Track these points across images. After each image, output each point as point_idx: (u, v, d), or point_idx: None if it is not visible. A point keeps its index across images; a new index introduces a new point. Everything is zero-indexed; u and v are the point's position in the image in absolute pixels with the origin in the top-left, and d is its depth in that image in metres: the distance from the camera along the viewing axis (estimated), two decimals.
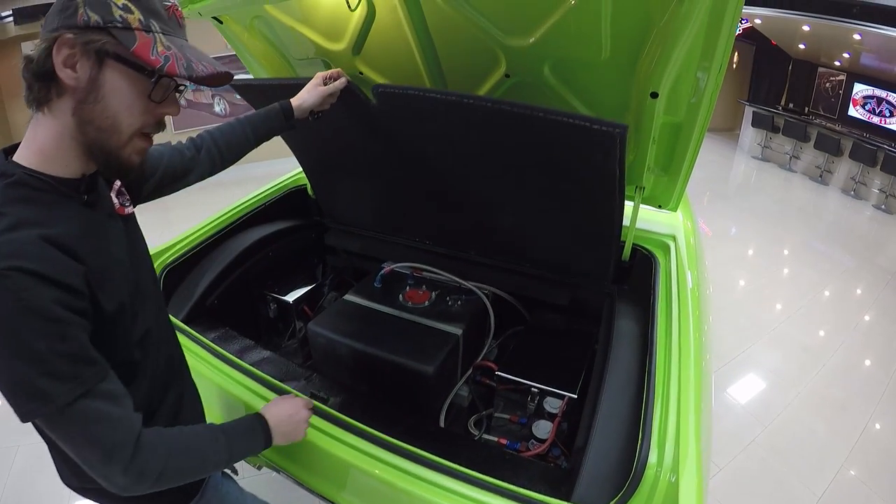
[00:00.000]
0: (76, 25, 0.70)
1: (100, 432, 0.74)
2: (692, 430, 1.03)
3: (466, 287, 1.74)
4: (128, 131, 0.77)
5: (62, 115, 0.74)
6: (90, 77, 0.72)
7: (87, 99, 0.73)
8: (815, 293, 4.09)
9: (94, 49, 0.71)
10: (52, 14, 0.72)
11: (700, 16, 0.99)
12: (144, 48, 0.72)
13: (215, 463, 0.92)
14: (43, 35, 0.72)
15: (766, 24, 8.10)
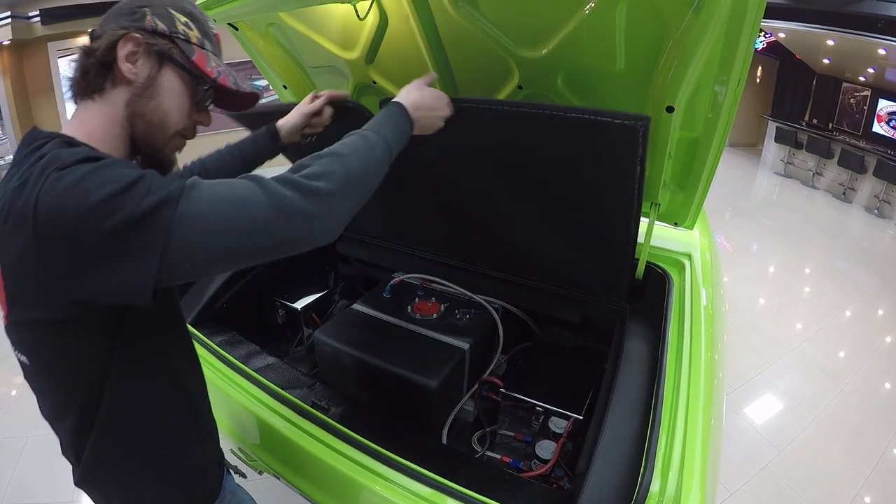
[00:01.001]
0: (143, 28, 0.80)
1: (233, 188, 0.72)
2: (698, 460, 1.00)
3: (476, 300, 1.72)
4: (173, 130, 0.85)
5: (114, 105, 0.80)
6: (149, 75, 0.81)
7: (143, 94, 0.81)
8: (836, 313, 4.00)
9: (157, 51, 0.81)
10: (116, 15, 0.81)
11: (717, 27, 0.97)
12: (202, 60, 0.84)
13: (381, 163, 0.93)
14: (105, 31, 0.80)
15: (790, 38, 8.02)
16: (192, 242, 0.67)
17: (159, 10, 0.81)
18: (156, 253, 0.64)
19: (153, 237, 0.64)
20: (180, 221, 0.65)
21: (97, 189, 0.63)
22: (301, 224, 0.74)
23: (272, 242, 0.73)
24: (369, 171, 0.90)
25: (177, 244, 0.65)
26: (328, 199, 0.77)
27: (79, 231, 0.63)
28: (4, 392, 3.23)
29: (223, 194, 0.70)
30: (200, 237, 0.67)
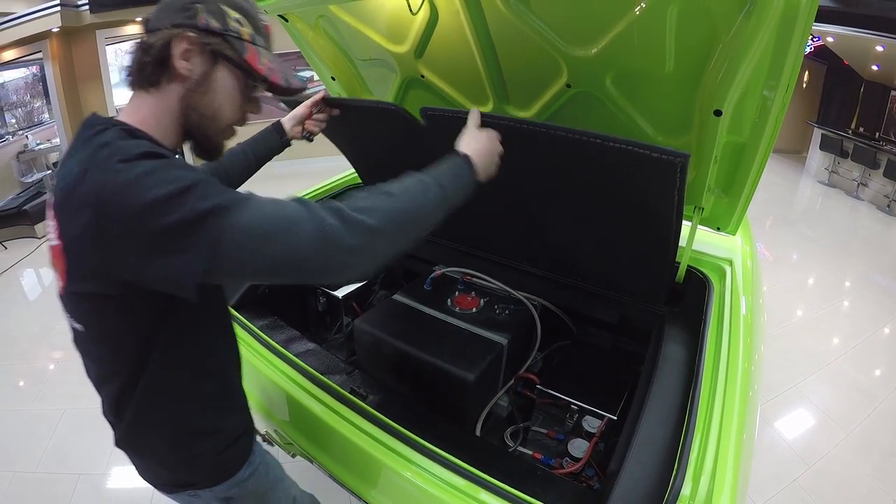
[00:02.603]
0: (196, 26, 0.82)
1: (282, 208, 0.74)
2: (730, 465, 0.99)
3: (515, 297, 1.73)
4: (225, 121, 0.92)
5: (169, 98, 0.85)
6: (203, 72, 0.85)
7: (197, 89, 0.86)
8: (874, 329, 3.88)
9: (211, 49, 0.84)
10: (168, 10, 0.83)
11: (768, 31, 0.96)
12: (253, 58, 0.88)
13: (433, 208, 0.91)
14: (157, 26, 0.83)
15: (839, 43, 7.78)
16: (236, 252, 0.71)
17: (212, 6, 0.84)
18: (201, 255, 0.69)
19: (201, 241, 0.69)
20: (228, 230, 0.69)
21: (156, 187, 0.68)
22: (339, 254, 0.75)
23: (309, 266, 0.75)
24: (419, 213, 0.89)
25: (222, 251, 0.69)
26: (370, 234, 0.77)
27: (135, 224, 0.68)
28: (42, 366, 3.38)
29: (272, 213, 0.73)
30: (244, 249, 0.71)
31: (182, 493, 1.04)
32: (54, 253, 0.80)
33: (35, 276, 4.87)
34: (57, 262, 0.81)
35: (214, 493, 1.04)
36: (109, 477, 2.46)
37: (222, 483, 1.04)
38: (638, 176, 1.15)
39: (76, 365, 0.97)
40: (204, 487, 1.03)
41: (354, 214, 0.77)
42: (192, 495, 1.04)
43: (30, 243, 5.42)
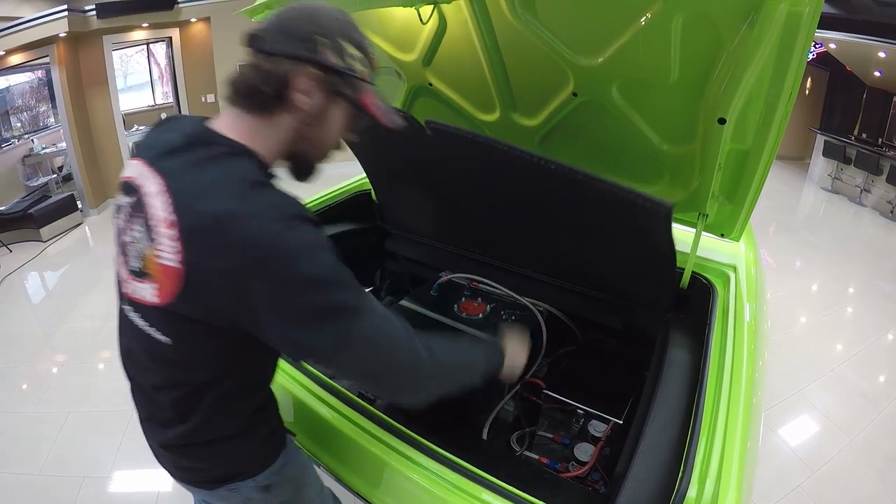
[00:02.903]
0: (318, 62, 0.83)
1: (401, 340, 0.88)
2: (735, 468, 1.01)
3: (521, 303, 1.74)
4: (329, 149, 0.96)
5: (281, 127, 0.87)
6: (320, 107, 0.87)
7: (311, 122, 0.88)
8: (877, 336, 3.88)
9: (332, 88, 0.86)
10: (288, 36, 0.83)
11: (771, 41, 0.98)
12: (367, 98, 0.90)
13: (468, 377, 1.09)
14: (276, 52, 0.82)
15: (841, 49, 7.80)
16: (349, 351, 0.81)
17: (332, 40, 0.84)
18: (324, 341, 0.79)
19: (331, 330, 0.78)
20: (354, 331, 0.80)
21: (317, 266, 0.77)
22: (416, 380, 0.94)
23: (390, 381, 0.91)
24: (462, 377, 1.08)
25: (340, 344, 0.80)
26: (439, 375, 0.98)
27: (281, 288, 0.75)
28: (46, 369, 3.39)
29: (388, 330, 0.86)
30: (357, 351, 0.83)
31: (223, 487, 1.05)
32: (165, 272, 0.80)
33: (39, 280, 4.90)
34: (164, 281, 0.81)
35: (256, 482, 1.06)
36: (113, 480, 2.47)
37: (266, 470, 1.07)
38: (628, 214, 1.18)
39: (79, 368, 1.00)
40: (249, 477, 1.05)
41: (435, 356, 0.94)
42: (233, 489, 1.05)
43: (34, 246, 5.45)
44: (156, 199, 0.80)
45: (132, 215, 0.86)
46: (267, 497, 1.09)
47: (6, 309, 4.29)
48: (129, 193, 0.88)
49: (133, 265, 0.86)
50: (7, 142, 6.66)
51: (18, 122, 7.04)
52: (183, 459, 1.04)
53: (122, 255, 0.90)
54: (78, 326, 3.91)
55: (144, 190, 0.83)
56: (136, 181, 0.86)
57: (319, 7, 0.86)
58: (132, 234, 0.86)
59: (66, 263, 5.23)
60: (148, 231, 0.81)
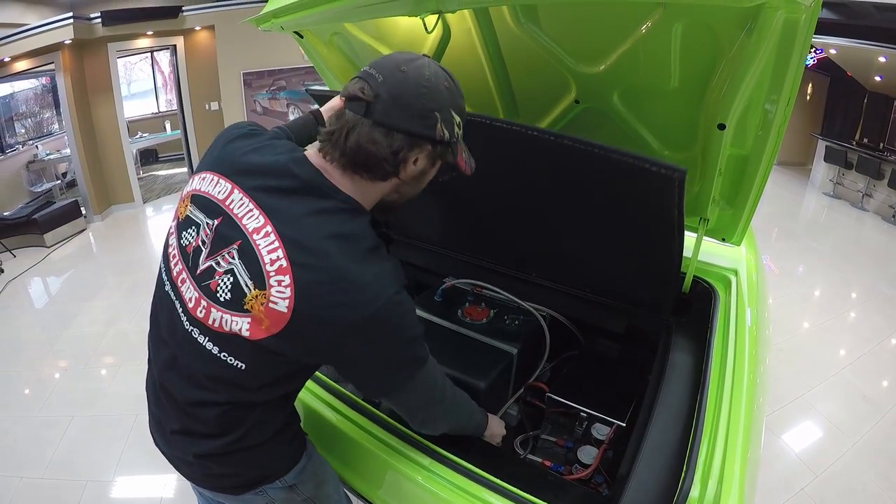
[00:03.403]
0: (434, 139, 0.86)
1: (439, 381, 1.02)
2: (737, 469, 1.02)
3: (525, 308, 1.75)
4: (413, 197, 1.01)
5: (385, 187, 0.92)
6: (422, 170, 0.92)
7: (411, 183, 0.94)
8: (880, 340, 3.88)
9: (438, 157, 0.91)
10: (409, 112, 0.83)
11: (769, 48, 0.99)
12: (461, 158, 0.95)
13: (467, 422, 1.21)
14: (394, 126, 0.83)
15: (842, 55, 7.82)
16: (409, 392, 0.97)
17: (446, 114, 0.86)
18: (397, 382, 0.94)
19: (405, 375, 0.93)
20: (417, 379, 0.95)
21: (409, 328, 0.89)
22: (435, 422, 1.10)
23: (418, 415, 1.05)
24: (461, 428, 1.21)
25: (406, 388, 0.95)
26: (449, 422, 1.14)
27: (381, 347, 0.88)
28: (49, 374, 3.41)
29: (436, 378, 1.01)
30: (413, 393, 0.98)
31: (250, 492, 1.06)
32: (269, 314, 0.82)
33: (42, 285, 4.92)
34: (265, 321, 0.83)
35: (282, 483, 1.08)
36: (116, 484, 2.48)
37: (291, 470, 1.09)
38: (638, 188, 1.18)
39: (83, 373, 1.02)
40: (277, 479, 1.07)
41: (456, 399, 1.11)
42: (259, 493, 1.07)
43: (38, 252, 5.48)
44: (263, 239, 0.82)
45: (221, 243, 0.87)
46: (291, 496, 1.11)
47: (10, 314, 4.31)
48: (213, 214, 0.88)
49: (224, 296, 0.86)
50: (12, 148, 6.72)
51: (23, 128, 7.11)
52: (217, 467, 1.03)
53: (197, 278, 0.89)
54: (81, 332, 3.92)
55: (244, 223, 0.84)
56: (227, 206, 0.87)
57: (432, 75, 0.86)
58: (223, 263, 0.86)
59: (70, 269, 5.26)
60: (251, 269, 0.83)
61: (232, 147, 0.94)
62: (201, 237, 0.89)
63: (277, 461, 1.07)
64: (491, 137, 1.34)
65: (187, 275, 0.91)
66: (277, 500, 1.09)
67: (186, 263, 0.91)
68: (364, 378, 0.95)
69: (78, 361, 3.49)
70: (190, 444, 1.00)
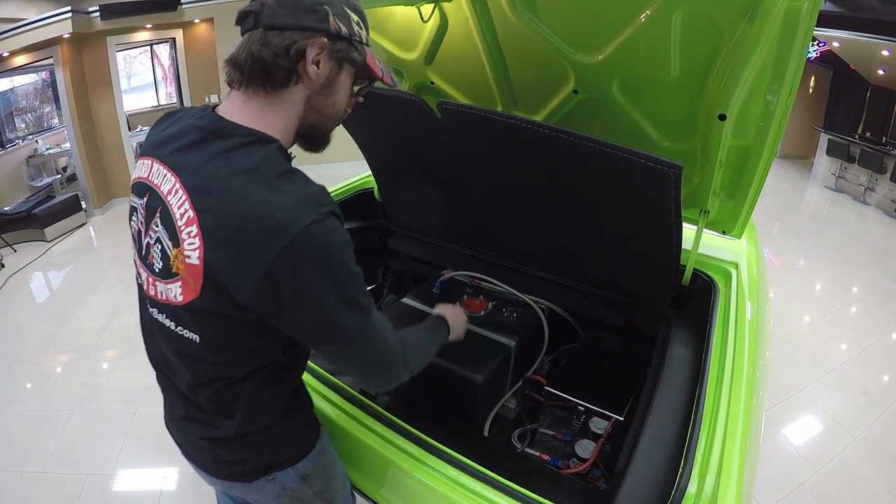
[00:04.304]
0: (328, 31, 0.83)
1: (386, 334, 0.93)
2: (735, 464, 1.01)
3: (523, 300, 1.75)
4: (341, 117, 0.96)
5: (295, 101, 0.87)
6: (329, 76, 0.88)
7: (322, 92, 0.89)
8: (881, 334, 3.87)
9: (339, 56, 0.87)
10: (294, 9, 0.82)
11: (770, 37, 0.98)
12: (371, 61, 0.92)
13: (430, 353, 1.18)
14: (281, 25, 0.81)
15: (844, 48, 7.78)
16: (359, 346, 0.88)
17: (338, 9, 0.84)
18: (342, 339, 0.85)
19: (345, 324, 0.83)
20: (365, 330, 0.86)
21: (338, 263, 0.80)
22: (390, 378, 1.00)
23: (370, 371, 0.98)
24: (427, 358, 1.15)
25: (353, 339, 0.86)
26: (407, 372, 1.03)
27: (309, 285, 0.77)
28: (50, 368, 3.40)
29: (386, 336, 0.93)
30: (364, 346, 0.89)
31: (262, 479, 1.06)
32: (189, 269, 0.80)
33: (43, 280, 4.92)
34: (189, 279, 0.81)
35: (296, 471, 1.07)
36: (117, 477, 2.48)
37: (305, 458, 1.08)
38: (635, 183, 1.17)
39: (83, 367, 1.00)
40: (289, 466, 1.06)
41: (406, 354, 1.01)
42: (271, 479, 1.06)
43: (39, 246, 5.47)
44: (174, 197, 0.80)
45: (149, 216, 0.85)
46: (302, 487, 1.10)
47: (11, 308, 4.32)
48: (143, 194, 0.87)
49: (157, 266, 0.85)
50: (12, 142, 6.70)
51: (23, 122, 7.09)
52: (227, 452, 1.03)
53: (144, 258, 0.89)
54: (82, 326, 3.92)
55: (161, 189, 0.83)
56: (150, 180, 0.86)
57: None
58: (152, 234, 0.85)
59: (71, 263, 5.25)
60: (169, 230, 0.81)
61: (153, 131, 0.95)
62: (139, 219, 0.89)
63: (290, 446, 1.06)
64: (488, 130, 1.33)
65: (138, 258, 0.92)
66: (288, 490, 1.09)
67: (137, 248, 0.92)
68: (303, 331, 0.85)
69: (79, 355, 3.49)
70: (197, 428, 1.01)
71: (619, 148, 1.10)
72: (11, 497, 2.40)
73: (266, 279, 0.75)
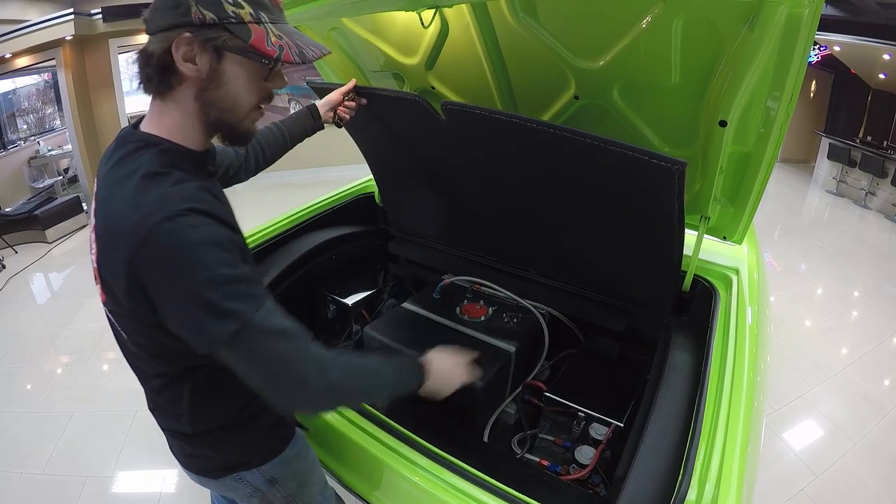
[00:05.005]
0: (191, 23, 0.77)
1: (278, 346, 0.81)
2: (735, 471, 1.00)
3: (523, 305, 1.74)
4: (246, 108, 0.87)
5: (185, 101, 0.83)
6: (210, 69, 0.81)
7: (209, 86, 0.82)
8: (882, 339, 3.86)
9: (213, 45, 0.79)
10: (160, 10, 0.78)
11: (771, 43, 0.98)
12: (259, 40, 0.80)
13: (379, 392, 1.02)
14: (154, 30, 0.79)
15: (845, 52, 7.78)
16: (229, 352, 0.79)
17: None
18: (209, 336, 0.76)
19: (217, 328, 0.75)
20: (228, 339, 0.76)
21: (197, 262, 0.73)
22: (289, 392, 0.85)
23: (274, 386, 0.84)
24: (362, 398, 1.05)
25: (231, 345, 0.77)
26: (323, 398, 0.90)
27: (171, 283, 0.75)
28: (50, 370, 3.40)
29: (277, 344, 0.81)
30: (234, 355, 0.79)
31: (229, 477, 1.06)
32: (96, 273, 0.85)
33: (44, 281, 4.92)
34: (98, 282, 0.85)
35: (262, 473, 1.08)
36: (116, 480, 2.47)
37: (272, 460, 1.08)
38: (638, 181, 1.17)
39: (84, 369, 1.02)
40: (255, 467, 1.06)
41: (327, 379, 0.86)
42: (238, 479, 1.07)
43: (40, 248, 5.48)
44: (93, 207, 0.84)
45: None
46: (272, 490, 1.10)
47: (11, 309, 4.32)
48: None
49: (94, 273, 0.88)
50: (13, 144, 6.72)
51: (25, 124, 7.11)
52: (189, 447, 1.05)
53: None
54: (83, 327, 3.92)
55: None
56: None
57: None
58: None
59: (72, 265, 5.25)
60: (90, 240, 0.86)
61: None
62: None
63: (252, 449, 1.06)
64: (491, 130, 1.33)
65: None
66: (259, 491, 1.09)
67: None
68: (180, 333, 0.79)
69: (79, 357, 3.49)
70: (161, 419, 1.05)
71: (622, 145, 1.10)
72: (11, 499, 2.39)
73: (129, 278, 0.75)
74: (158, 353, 0.90)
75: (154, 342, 0.87)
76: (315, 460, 1.23)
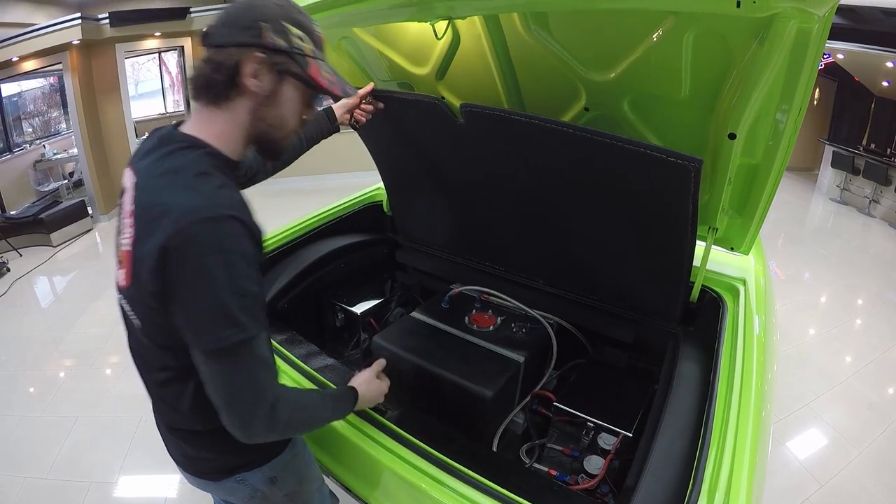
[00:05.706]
0: (263, 45, 0.87)
1: (259, 373, 0.88)
2: (745, 480, 1.01)
3: (532, 315, 1.75)
4: (291, 127, 0.99)
5: (239, 112, 0.92)
6: (271, 88, 0.92)
7: (265, 103, 0.93)
8: (886, 348, 3.85)
9: (278, 69, 0.90)
10: (233, 27, 0.88)
11: (781, 58, 0.99)
12: (316, 72, 0.94)
13: (322, 422, 1.12)
14: (221, 43, 0.88)
15: (849, 60, 7.78)
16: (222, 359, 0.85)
17: (275, 24, 0.88)
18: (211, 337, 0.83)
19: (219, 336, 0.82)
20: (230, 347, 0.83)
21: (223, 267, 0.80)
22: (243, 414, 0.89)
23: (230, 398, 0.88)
24: (307, 426, 1.09)
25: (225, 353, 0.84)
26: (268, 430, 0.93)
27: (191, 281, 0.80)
28: (54, 374, 3.40)
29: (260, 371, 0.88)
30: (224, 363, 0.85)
31: (229, 479, 1.08)
32: (125, 256, 0.89)
33: (49, 285, 4.93)
34: (126, 265, 0.89)
35: (262, 473, 1.10)
36: (120, 485, 2.48)
37: (272, 461, 1.10)
38: (652, 180, 1.18)
39: (88, 373, 1.02)
40: (255, 468, 1.09)
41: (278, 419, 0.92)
42: (239, 480, 1.09)
43: (45, 251, 5.49)
44: (127, 195, 0.90)
45: (120, 211, 0.94)
46: (272, 489, 1.12)
47: (16, 313, 4.32)
48: (122, 195, 0.95)
49: (117, 256, 0.95)
50: (19, 147, 6.74)
51: (30, 127, 7.14)
52: (190, 448, 1.08)
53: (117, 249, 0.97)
54: (87, 332, 3.93)
55: (126, 188, 0.92)
56: (124, 182, 0.95)
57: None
58: (118, 228, 0.94)
59: (76, 269, 5.27)
60: (121, 222, 0.91)
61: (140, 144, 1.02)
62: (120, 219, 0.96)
63: (252, 451, 1.07)
64: (511, 131, 1.34)
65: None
66: (259, 492, 1.11)
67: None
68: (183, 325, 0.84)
69: (83, 361, 3.49)
70: (163, 417, 1.08)
71: (639, 143, 1.12)
72: (14, 503, 2.39)
73: (159, 259, 0.79)
74: (168, 343, 0.92)
75: (165, 332, 0.90)
76: (311, 459, 1.26)
